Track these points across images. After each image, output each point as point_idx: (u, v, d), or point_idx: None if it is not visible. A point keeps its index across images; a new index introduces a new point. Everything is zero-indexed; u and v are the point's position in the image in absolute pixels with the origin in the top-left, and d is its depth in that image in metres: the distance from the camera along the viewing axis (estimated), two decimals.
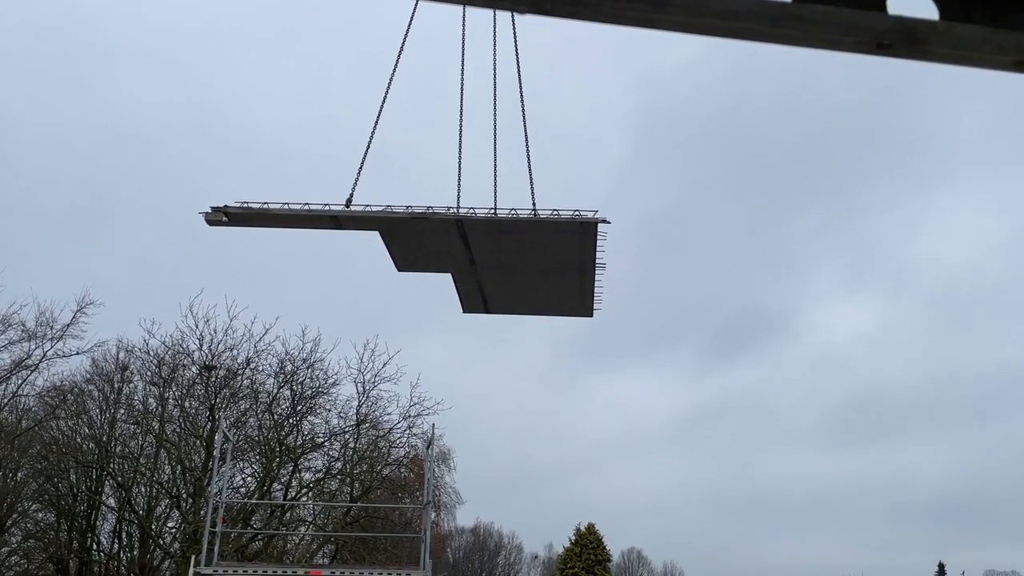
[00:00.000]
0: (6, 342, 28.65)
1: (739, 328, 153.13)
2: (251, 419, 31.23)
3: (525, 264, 10.78)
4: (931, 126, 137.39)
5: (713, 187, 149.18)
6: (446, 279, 11.40)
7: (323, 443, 31.98)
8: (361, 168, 10.79)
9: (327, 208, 9.35)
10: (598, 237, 9.53)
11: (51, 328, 28.98)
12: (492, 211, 9.50)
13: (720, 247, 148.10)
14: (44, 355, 29.13)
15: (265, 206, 9.25)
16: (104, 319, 33.61)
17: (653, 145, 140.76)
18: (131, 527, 31.45)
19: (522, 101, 11.68)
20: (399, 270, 11.39)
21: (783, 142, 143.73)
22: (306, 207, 9.25)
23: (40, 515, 31.20)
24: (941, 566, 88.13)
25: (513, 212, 9.52)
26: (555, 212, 9.35)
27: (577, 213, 9.27)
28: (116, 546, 32.04)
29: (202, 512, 24.80)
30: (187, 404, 30.97)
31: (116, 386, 31.84)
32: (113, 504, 31.70)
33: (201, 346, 30.11)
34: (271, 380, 31.35)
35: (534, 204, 10.17)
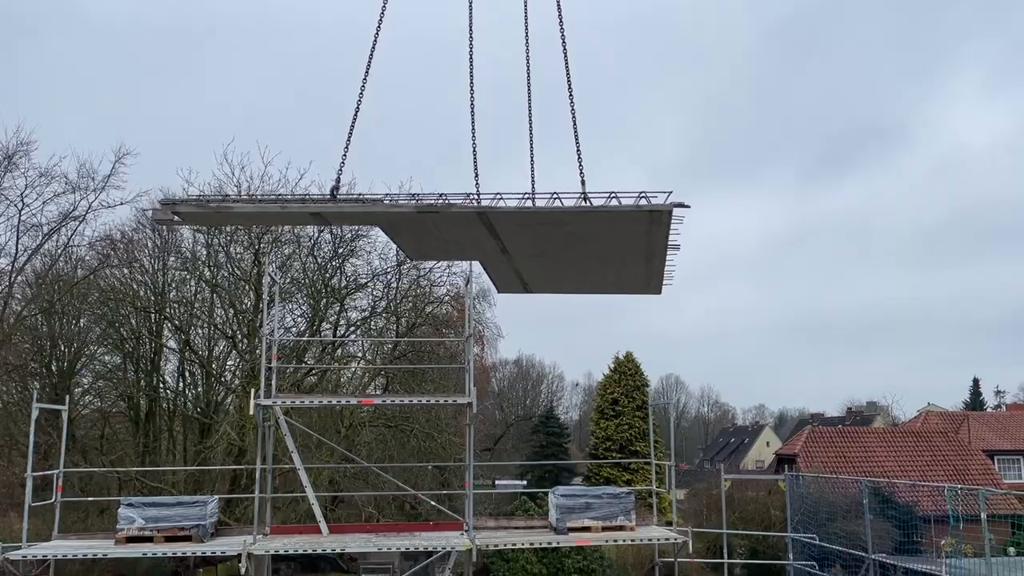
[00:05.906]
0: (51, 195, 29.28)
1: (854, 141, 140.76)
2: (295, 263, 32.08)
3: (574, 253, 8.80)
4: None
5: None
6: None
7: (366, 283, 32.95)
8: (347, 147, 8.63)
9: (308, 201, 7.44)
10: (672, 222, 7.41)
11: (92, 180, 29.46)
12: (526, 196, 7.09)
13: (855, 49, 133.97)
14: (90, 206, 29.80)
15: (226, 200, 7.59)
16: (143, 169, 34.03)
17: None
18: (193, 367, 33.24)
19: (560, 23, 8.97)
20: (412, 260, 9.60)
21: None
22: (279, 200, 7.50)
23: (107, 358, 33.02)
24: (976, 381, 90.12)
25: (555, 197, 7.14)
26: (612, 195, 6.94)
27: (643, 197, 6.88)
28: (181, 384, 34.03)
29: (257, 352, 26.04)
30: (232, 250, 31.81)
31: (163, 234, 32.66)
32: (174, 346, 33.38)
33: (239, 193, 30.46)
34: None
35: (583, 183, 7.75)
